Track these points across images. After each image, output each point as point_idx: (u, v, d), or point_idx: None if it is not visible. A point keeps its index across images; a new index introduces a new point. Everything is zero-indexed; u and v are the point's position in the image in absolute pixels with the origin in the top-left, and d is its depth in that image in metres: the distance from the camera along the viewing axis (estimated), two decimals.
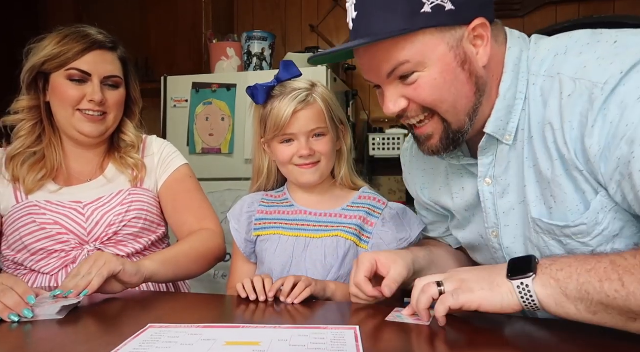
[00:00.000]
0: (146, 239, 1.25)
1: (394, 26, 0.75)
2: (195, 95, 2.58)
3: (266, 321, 0.86)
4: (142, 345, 0.67)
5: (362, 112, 3.15)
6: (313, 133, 1.09)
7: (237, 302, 0.95)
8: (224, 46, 2.72)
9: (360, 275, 0.90)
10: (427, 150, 0.86)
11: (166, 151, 1.34)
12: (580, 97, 0.72)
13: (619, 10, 2.82)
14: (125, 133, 1.31)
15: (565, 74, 0.75)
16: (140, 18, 3.09)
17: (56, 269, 1.16)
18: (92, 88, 1.18)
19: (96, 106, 1.18)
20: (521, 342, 0.71)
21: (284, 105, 1.07)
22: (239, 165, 2.51)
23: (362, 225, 1.11)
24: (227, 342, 0.68)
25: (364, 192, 1.17)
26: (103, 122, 1.22)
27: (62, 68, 1.17)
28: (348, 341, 0.68)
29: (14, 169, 1.19)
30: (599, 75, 0.71)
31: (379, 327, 0.74)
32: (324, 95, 1.12)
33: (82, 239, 1.17)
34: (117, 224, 1.19)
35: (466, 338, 0.71)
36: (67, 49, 1.16)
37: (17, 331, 0.77)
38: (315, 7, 3.30)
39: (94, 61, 1.19)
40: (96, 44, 1.19)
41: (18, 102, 1.22)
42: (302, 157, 1.09)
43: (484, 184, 0.88)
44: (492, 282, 0.71)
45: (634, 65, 0.69)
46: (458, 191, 0.96)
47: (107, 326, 0.82)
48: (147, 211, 1.25)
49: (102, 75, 1.19)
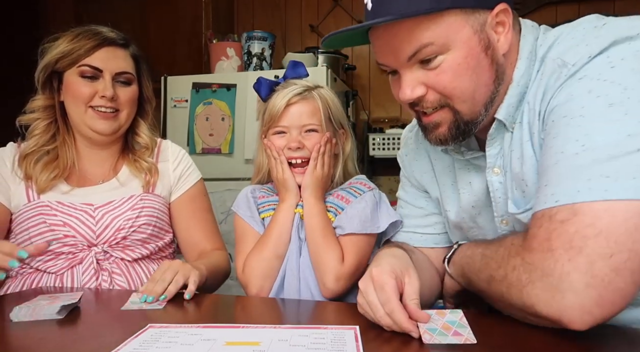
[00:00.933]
0: (153, 245, 1.25)
1: (419, 5, 0.72)
2: (195, 95, 2.58)
3: (266, 321, 0.86)
4: (142, 345, 0.67)
5: (362, 112, 3.15)
6: (305, 128, 1.09)
7: (237, 302, 0.95)
8: (224, 46, 2.72)
9: (394, 301, 0.71)
10: (435, 139, 0.83)
11: (183, 163, 1.35)
12: (551, 75, 0.74)
13: (619, 10, 2.82)
14: (139, 134, 1.31)
15: (550, 57, 0.76)
16: (140, 18, 3.09)
17: (63, 270, 1.16)
18: (104, 84, 1.18)
19: (108, 102, 1.19)
20: (528, 344, 0.71)
21: (280, 96, 1.09)
22: (239, 165, 2.51)
23: (337, 202, 1.11)
24: (227, 342, 0.68)
25: (356, 178, 1.17)
26: (115, 119, 1.22)
27: (74, 65, 1.18)
28: (348, 341, 0.68)
29: (26, 167, 1.19)
30: (571, 56, 0.72)
31: (379, 327, 0.73)
32: (324, 95, 1.12)
33: (90, 242, 1.17)
34: (127, 229, 1.19)
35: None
36: (79, 46, 1.18)
37: (17, 331, 0.77)
38: (315, 7, 3.30)
39: (105, 57, 1.19)
40: (107, 41, 1.20)
41: (33, 101, 1.23)
42: (290, 149, 1.09)
43: (492, 173, 0.86)
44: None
45: (602, 49, 0.69)
46: (465, 185, 0.93)
47: (107, 326, 0.82)
48: (157, 217, 1.25)
49: (114, 71, 1.20)
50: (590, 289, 0.61)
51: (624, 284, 0.61)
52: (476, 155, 0.89)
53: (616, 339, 0.69)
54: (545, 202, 0.68)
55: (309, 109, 1.09)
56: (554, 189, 0.68)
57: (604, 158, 0.64)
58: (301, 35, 3.31)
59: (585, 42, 0.72)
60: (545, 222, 0.67)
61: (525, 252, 0.69)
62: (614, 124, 0.65)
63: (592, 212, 0.63)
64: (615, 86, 0.66)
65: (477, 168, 0.90)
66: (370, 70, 3.19)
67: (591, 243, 0.62)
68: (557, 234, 0.65)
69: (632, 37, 0.68)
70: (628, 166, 0.63)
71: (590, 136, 0.66)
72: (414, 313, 0.70)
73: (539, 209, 0.69)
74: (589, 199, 0.63)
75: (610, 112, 0.65)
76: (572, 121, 0.68)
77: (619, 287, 0.60)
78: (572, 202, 0.65)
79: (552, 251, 0.64)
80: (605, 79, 0.67)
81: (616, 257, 0.60)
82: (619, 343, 0.69)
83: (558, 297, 0.63)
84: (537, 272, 0.66)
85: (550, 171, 0.70)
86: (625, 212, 0.62)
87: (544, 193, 0.69)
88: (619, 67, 0.67)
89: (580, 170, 0.65)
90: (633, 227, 0.61)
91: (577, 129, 0.67)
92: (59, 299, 0.88)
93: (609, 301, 0.61)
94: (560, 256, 0.63)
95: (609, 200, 0.62)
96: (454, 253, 0.94)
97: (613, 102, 0.66)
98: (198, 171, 1.38)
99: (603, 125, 0.65)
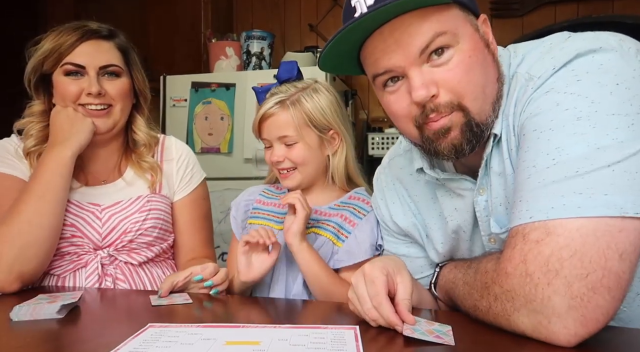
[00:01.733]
0: (158, 248, 1.23)
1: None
2: (195, 94, 2.58)
3: (266, 321, 0.86)
4: (142, 344, 0.67)
5: (362, 112, 3.15)
6: (283, 141, 1.10)
7: (237, 302, 0.95)
8: (223, 45, 2.72)
9: (382, 295, 0.73)
10: (448, 146, 0.78)
11: (188, 162, 1.33)
12: (520, 89, 0.75)
13: (618, 9, 2.82)
14: (135, 131, 1.28)
15: (519, 72, 0.78)
16: (140, 17, 3.09)
17: (67, 272, 1.14)
18: (89, 81, 1.14)
19: (95, 99, 1.15)
20: (526, 343, 0.71)
21: (257, 112, 1.12)
22: (238, 164, 2.51)
23: (341, 223, 1.11)
24: (227, 341, 0.68)
25: (356, 192, 1.16)
26: (109, 115, 1.18)
27: (58, 64, 1.15)
28: (348, 340, 0.68)
29: (32, 164, 1.16)
30: (537, 69, 0.73)
31: (379, 327, 0.74)
32: (303, 101, 1.10)
33: (96, 244, 1.15)
34: (134, 232, 1.17)
35: (466, 338, 0.71)
36: (59, 44, 1.14)
37: (18, 331, 0.77)
38: (314, 7, 3.30)
39: (87, 52, 1.15)
40: (88, 34, 1.16)
41: (30, 107, 1.20)
42: (272, 163, 1.12)
43: (478, 194, 0.85)
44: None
45: (566, 62, 0.70)
46: (452, 212, 0.91)
47: (107, 326, 0.82)
48: (163, 220, 1.23)
49: (97, 65, 1.15)
50: (572, 311, 0.62)
51: (604, 301, 0.61)
52: (454, 177, 0.87)
53: (616, 339, 0.69)
54: (520, 217, 0.68)
55: (281, 121, 1.09)
56: (527, 205, 0.68)
57: (575, 173, 0.64)
58: (300, 35, 3.31)
59: (550, 55, 0.73)
60: (519, 241, 0.67)
61: (502, 278, 0.68)
62: (583, 137, 0.65)
63: (565, 231, 0.63)
64: (582, 99, 0.67)
65: (459, 193, 0.88)
66: None
67: (567, 264, 0.62)
68: (533, 256, 0.65)
69: (595, 50, 0.69)
70: (599, 182, 0.63)
71: (561, 150, 0.66)
72: (402, 314, 0.71)
73: (514, 225, 0.69)
74: (563, 215, 0.64)
75: (579, 125, 0.66)
76: (542, 134, 0.69)
77: (599, 304, 0.61)
78: (545, 218, 0.65)
79: (530, 275, 0.64)
80: (572, 92, 0.68)
81: (592, 276, 0.61)
82: (619, 343, 0.69)
83: (544, 322, 0.64)
84: (520, 299, 0.65)
85: (523, 186, 0.70)
86: (596, 230, 0.62)
87: (518, 209, 0.69)
88: (585, 80, 0.68)
89: (553, 185, 0.66)
90: (605, 246, 0.61)
91: (547, 143, 0.68)
92: (59, 298, 0.88)
93: (592, 320, 0.62)
94: (540, 280, 0.63)
95: (582, 217, 0.63)
96: (437, 276, 0.94)
97: (580, 115, 0.66)
98: (202, 171, 1.36)
99: (572, 138, 0.66)
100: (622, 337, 0.71)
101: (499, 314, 0.69)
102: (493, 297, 0.70)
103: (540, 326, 0.64)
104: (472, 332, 0.72)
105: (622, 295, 0.62)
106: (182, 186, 1.30)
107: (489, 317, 0.71)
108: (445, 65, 0.74)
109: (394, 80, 0.78)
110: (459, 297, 0.82)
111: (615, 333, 0.70)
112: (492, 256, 0.75)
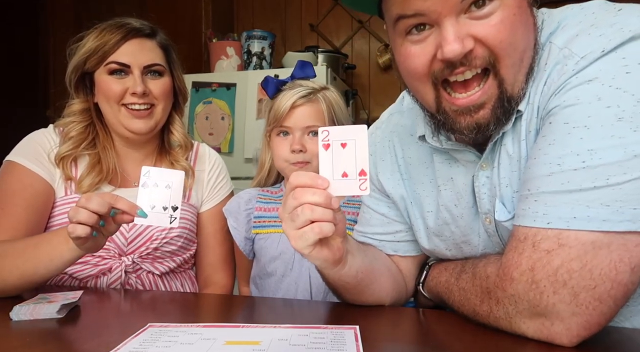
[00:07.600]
0: (180, 258, 1.21)
1: None
2: (195, 94, 2.58)
3: (266, 321, 0.86)
4: (142, 344, 0.67)
5: (362, 112, 3.15)
6: (309, 130, 1.10)
7: (237, 302, 0.95)
8: (224, 45, 2.72)
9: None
10: (470, 124, 0.70)
11: (218, 174, 1.31)
12: (555, 66, 0.67)
13: None
14: (173, 132, 1.26)
15: (554, 43, 0.69)
16: (140, 17, 3.09)
17: (90, 277, 1.11)
18: (133, 80, 1.13)
19: (140, 99, 1.13)
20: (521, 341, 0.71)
21: (286, 97, 1.10)
22: (239, 164, 2.51)
23: (357, 220, 1.10)
24: (227, 341, 0.68)
25: None
26: (151, 116, 1.17)
27: (102, 63, 1.13)
28: (348, 340, 0.68)
29: (65, 169, 1.14)
30: (581, 46, 0.64)
31: (379, 327, 0.74)
32: (330, 97, 1.13)
33: (121, 249, 1.13)
34: (160, 239, 1.15)
35: (466, 339, 0.71)
36: (103, 42, 1.13)
37: (18, 330, 0.77)
38: (315, 7, 3.30)
39: (131, 51, 1.14)
40: (132, 32, 1.15)
41: (70, 106, 1.19)
42: (293, 152, 1.10)
43: (480, 168, 0.77)
44: None
45: (618, 45, 0.61)
46: (446, 181, 0.83)
47: (107, 326, 0.82)
48: (189, 229, 1.22)
49: (142, 64, 1.14)
50: (576, 317, 0.61)
51: (608, 309, 0.61)
52: (458, 148, 0.79)
53: (616, 339, 0.69)
54: (535, 220, 0.63)
55: (313, 111, 1.10)
56: (546, 208, 0.63)
57: (606, 183, 0.59)
58: (301, 35, 3.31)
59: (598, 31, 0.63)
60: (528, 248, 0.63)
61: (506, 283, 0.66)
62: (621, 141, 0.59)
63: (579, 244, 0.60)
64: (628, 97, 0.59)
65: (460, 162, 0.81)
66: (370, 69, 3.19)
67: (576, 276, 0.60)
68: (541, 265, 0.62)
69: None
70: (631, 195, 0.58)
71: (593, 153, 0.60)
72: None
73: (524, 225, 0.65)
74: (583, 228, 0.59)
75: (619, 127, 0.59)
76: (574, 131, 0.62)
77: (604, 312, 0.61)
78: (566, 227, 0.61)
79: (537, 283, 0.62)
80: (619, 87, 0.60)
81: (600, 288, 0.59)
82: (619, 343, 0.69)
83: (547, 324, 0.63)
84: (524, 303, 0.64)
85: (541, 183, 0.64)
86: (610, 244, 0.58)
87: (533, 209, 0.64)
88: (635, 73, 0.60)
89: (579, 193, 0.60)
90: (618, 259, 0.59)
91: (579, 142, 0.61)
92: (59, 298, 0.88)
93: (595, 324, 0.61)
94: (545, 289, 0.62)
95: (603, 231, 0.59)
96: (426, 277, 0.93)
97: (623, 116, 0.59)
98: (230, 183, 1.34)
99: (609, 141, 0.59)
100: (620, 336, 0.71)
101: (500, 317, 0.68)
102: (495, 302, 0.69)
103: (542, 327, 0.64)
104: (473, 332, 0.72)
105: (626, 302, 0.62)
106: (210, 196, 1.28)
107: (489, 321, 0.71)
108: (486, 18, 0.64)
109: (419, 28, 0.67)
110: (454, 303, 0.80)
111: (615, 333, 0.70)
112: (490, 260, 0.73)
